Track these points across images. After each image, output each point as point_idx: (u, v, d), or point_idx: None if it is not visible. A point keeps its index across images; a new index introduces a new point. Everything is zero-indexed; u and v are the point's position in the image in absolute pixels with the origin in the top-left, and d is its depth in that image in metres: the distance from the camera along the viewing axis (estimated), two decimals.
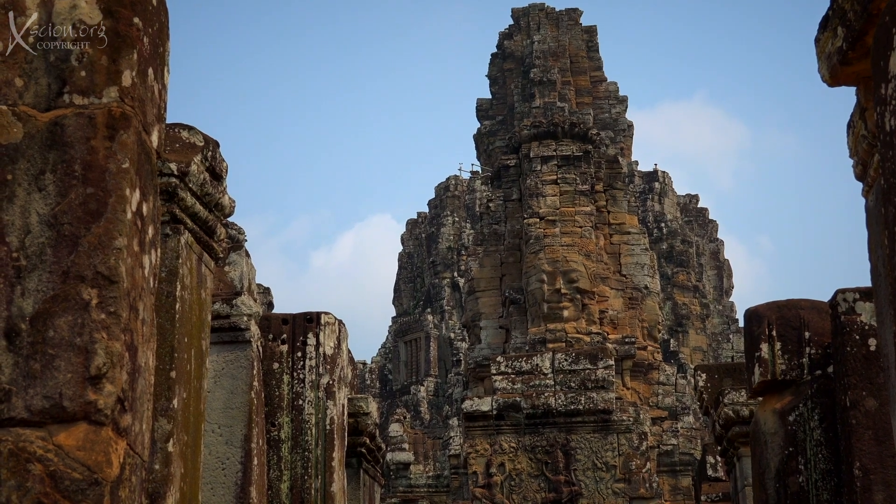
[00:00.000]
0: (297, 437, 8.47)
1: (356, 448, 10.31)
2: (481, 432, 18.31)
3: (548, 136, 29.55)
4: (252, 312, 7.76)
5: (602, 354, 18.74)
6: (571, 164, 29.27)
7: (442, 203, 54.75)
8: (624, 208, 29.96)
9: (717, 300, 49.61)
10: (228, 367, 7.64)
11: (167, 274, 5.87)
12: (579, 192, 29.02)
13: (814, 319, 7.13)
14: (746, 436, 9.54)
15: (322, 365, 8.66)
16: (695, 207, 51.92)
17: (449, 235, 53.31)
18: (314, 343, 8.68)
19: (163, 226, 5.90)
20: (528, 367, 18.62)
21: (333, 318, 8.88)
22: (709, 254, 50.64)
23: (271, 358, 8.60)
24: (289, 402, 8.53)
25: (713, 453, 15.46)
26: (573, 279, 28.06)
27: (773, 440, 6.98)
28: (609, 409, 18.14)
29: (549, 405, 18.10)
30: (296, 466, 8.42)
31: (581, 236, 28.60)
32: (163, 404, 5.64)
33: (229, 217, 6.67)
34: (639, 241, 29.81)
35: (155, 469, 5.50)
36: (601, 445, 18.03)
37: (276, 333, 8.70)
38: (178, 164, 5.98)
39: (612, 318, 28.59)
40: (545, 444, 18.09)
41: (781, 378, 7.09)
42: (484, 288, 29.61)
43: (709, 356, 43.92)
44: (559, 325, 27.65)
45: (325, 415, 8.58)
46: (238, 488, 7.39)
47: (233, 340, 7.70)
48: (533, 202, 28.96)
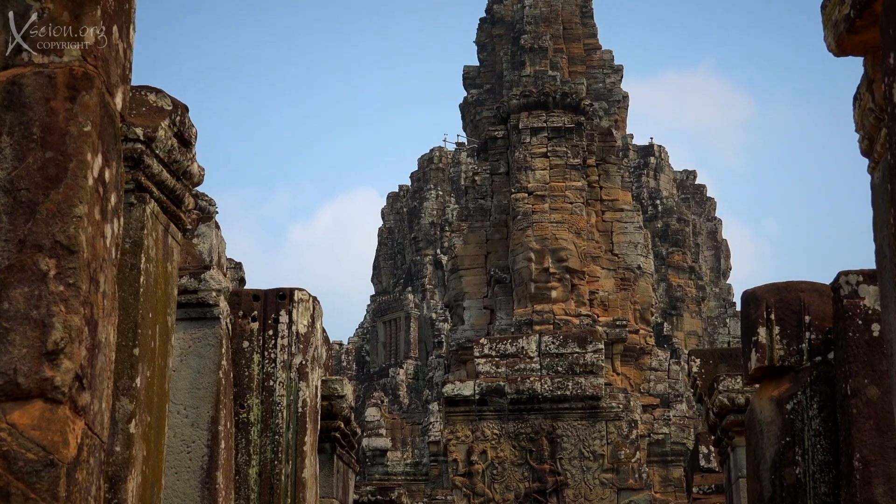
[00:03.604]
0: (268, 419, 8.47)
1: (330, 433, 10.31)
2: (463, 418, 18.33)
3: (538, 106, 29.53)
4: (221, 287, 7.74)
5: (591, 338, 18.77)
6: (562, 137, 29.26)
7: (425, 176, 54.72)
8: (617, 184, 29.98)
9: (714, 282, 49.74)
10: (195, 345, 7.62)
11: (131, 245, 5.85)
12: (570, 165, 29.03)
13: (815, 303, 7.14)
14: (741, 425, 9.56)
15: (295, 344, 8.66)
16: (692, 184, 51.98)
17: (432, 210, 53.30)
18: (287, 321, 8.67)
19: (127, 194, 5.88)
20: (513, 349, 18.64)
21: (307, 295, 8.87)
22: (706, 233, 50.74)
23: (241, 336, 8.59)
24: (259, 382, 8.53)
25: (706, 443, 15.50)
26: (562, 258, 28.08)
27: (769, 429, 7.00)
28: (598, 396, 18.18)
29: (534, 390, 18.13)
30: (265, 451, 8.42)
31: (571, 213, 28.62)
32: (125, 383, 5.63)
33: (198, 186, 6.65)
34: (632, 219, 29.84)
35: (115, 451, 5.49)
36: (589, 433, 18.08)
37: (247, 310, 8.69)
38: (145, 129, 5.95)
39: (603, 299, 28.64)
40: (530, 431, 18.12)
41: (779, 364, 7.11)
42: (468, 266, 29.62)
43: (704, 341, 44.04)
44: (546, 307, 27.69)
45: (298, 397, 8.58)
46: (204, 473, 7.38)
47: (200, 317, 7.69)
48: (521, 176, 28.96)
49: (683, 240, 45.38)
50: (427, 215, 53.28)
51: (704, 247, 50.30)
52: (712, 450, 15.06)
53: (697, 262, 47.28)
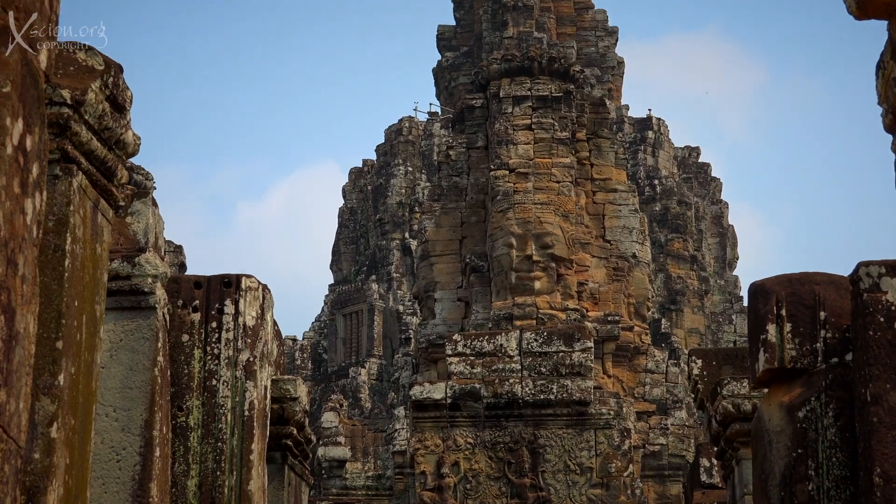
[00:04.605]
0: (209, 424, 8.46)
1: (281, 440, 10.31)
2: (432, 425, 18.37)
3: (521, 72, 29.54)
4: (158, 273, 7.72)
5: (579, 335, 18.82)
6: (549, 107, 29.29)
7: (393, 149, 54.68)
8: (610, 161, 30.04)
9: (718, 273, 49.92)
10: (127, 339, 7.61)
11: (55, 223, 5.83)
12: (557, 140, 29.06)
13: (831, 297, 7.16)
14: (747, 434, 9.60)
15: (241, 338, 8.65)
16: (695, 162, 52.16)
17: (400, 188, 53.31)
18: (232, 312, 8.66)
19: (51, 165, 5.85)
20: (491, 347, 18.67)
21: (256, 283, 8.86)
22: (710, 218, 50.89)
23: (180, 328, 8.57)
24: (200, 382, 8.52)
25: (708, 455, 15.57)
26: (547, 244, 28.13)
27: (778, 440, 7.03)
28: (586, 401, 18.24)
29: (514, 394, 18.17)
30: (206, 460, 8.41)
31: (558, 193, 28.66)
32: (46, 380, 5.61)
33: (134, 157, 6.63)
34: (627, 201, 29.91)
35: (34, 458, 5.47)
36: (575, 443, 18.13)
37: (187, 299, 8.68)
38: (72, 92, 5.93)
39: (593, 291, 28.70)
40: (508, 440, 18.17)
41: (791, 366, 7.13)
42: (440, 252, 29.65)
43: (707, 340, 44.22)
44: (529, 299, 27.74)
45: (244, 398, 8.57)
46: (135, 484, 7.37)
47: (134, 306, 7.67)
48: (501, 151, 28.98)
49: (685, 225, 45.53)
50: (394, 194, 53.28)
51: (708, 233, 50.48)
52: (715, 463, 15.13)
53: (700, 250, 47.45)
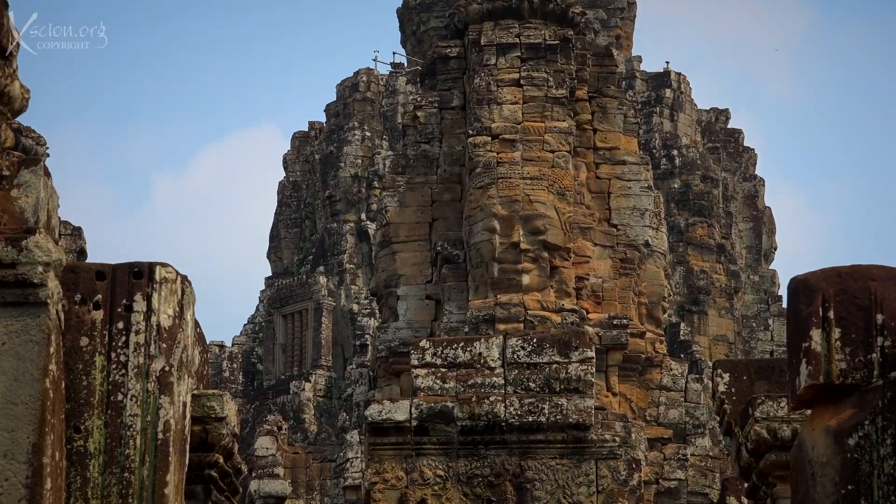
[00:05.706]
0: (114, 449, 8.46)
1: (203, 470, 10.32)
2: (394, 453, 18.35)
3: (508, 13, 29.53)
4: (51, 260, 7.71)
5: (577, 342, 18.83)
6: (542, 58, 29.29)
7: (346, 109, 54.67)
8: (618, 126, 30.06)
9: (751, 267, 50.05)
10: (12, 342, 7.60)
11: None
12: (552, 98, 29.06)
13: (891, 296, 7.18)
14: (786, 467, 9.63)
15: (155, 342, 8.64)
16: (723, 128, 52.24)
17: (355, 158, 53.31)
18: (143, 309, 8.65)
19: None
20: (467, 357, 18.67)
21: (174, 273, 8.85)
22: (742, 198, 51.01)
23: (78, 330, 8.56)
24: (102, 396, 8.51)
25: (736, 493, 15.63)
26: (539, 229, 28.14)
27: (824, 473, 7.05)
28: (585, 424, 18.24)
29: (495, 415, 18.17)
30: (110, 493, 8.41)
31: (552, 165, 28.67)
32: None
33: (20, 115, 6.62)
34: (638, 176, 29.94)
35: None
36: (571, 477, 18.15)
37: (88, 293, 8.66)
38: None
39: (595, 288, 28.74)
40: (488, 472, 18.18)
41: (840, 382, 7.14)
42: (405, 238, 29.64)
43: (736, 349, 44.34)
44: (515, 297, 27.75)
45: (158, 417, 8.57)
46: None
47: (20, 301, 7.67)
48: (482, 112, 28.98)
49: (710, 207, 45.66)
50: (348, 165, 53.27)
51: (740, 217, 50.59)
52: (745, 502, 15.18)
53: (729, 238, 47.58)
